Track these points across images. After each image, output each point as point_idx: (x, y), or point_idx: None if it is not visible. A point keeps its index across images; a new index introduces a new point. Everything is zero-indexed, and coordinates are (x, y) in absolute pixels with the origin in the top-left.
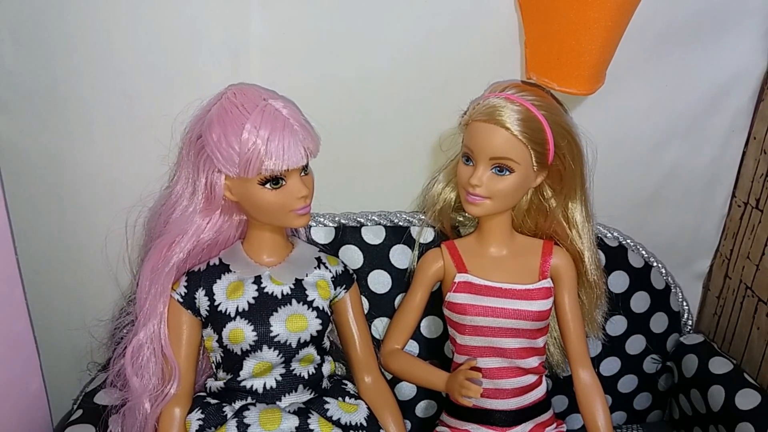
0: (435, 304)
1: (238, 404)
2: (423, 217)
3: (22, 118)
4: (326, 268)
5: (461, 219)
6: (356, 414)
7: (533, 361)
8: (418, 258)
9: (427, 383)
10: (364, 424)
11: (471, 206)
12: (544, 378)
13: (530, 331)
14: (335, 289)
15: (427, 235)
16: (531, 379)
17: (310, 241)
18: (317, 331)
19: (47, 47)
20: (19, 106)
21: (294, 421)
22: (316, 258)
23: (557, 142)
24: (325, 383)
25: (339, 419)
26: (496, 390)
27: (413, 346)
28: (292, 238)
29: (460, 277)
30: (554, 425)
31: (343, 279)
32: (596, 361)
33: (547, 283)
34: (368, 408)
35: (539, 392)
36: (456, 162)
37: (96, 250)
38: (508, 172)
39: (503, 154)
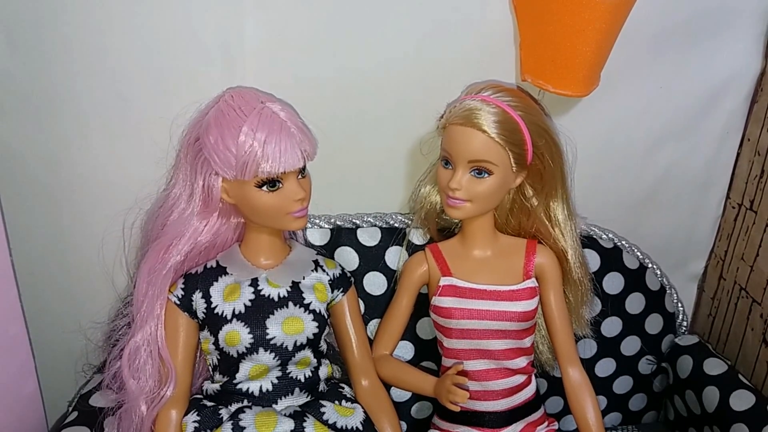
0: (429, 305)
1: (233, 407)
2: (410, 220)
3: (18, 120)
4: (324, 271)
5: (452, 222)
6: (352, 418)
7: (521, 362)
8: None
9: (417, 389)
10: (360, 428)
11: (451, 209)
12: (533, 377)
13: (516, 331)
14: (333, 292)
15: (417, 237)
16: (520, 379)
17: (308, 244)
18: (314, 334)
19: (43, 49)
20: (14, 107)
21: (289, 425)
22: (313, 261)
23: (535, 141)
24: (322, 386)
25: (335, 423)
26: (485, 392)
27: (409, 348)
28: (289, 240)
29: (444, 281)
30: (545, 423)
31: (341, 282)
32: (591, 363)
33: (531, 282)
34: (365, 412)
35: (528, 392)
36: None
37: (92, 253)
38: (486, 175)
39: (481, 157)
